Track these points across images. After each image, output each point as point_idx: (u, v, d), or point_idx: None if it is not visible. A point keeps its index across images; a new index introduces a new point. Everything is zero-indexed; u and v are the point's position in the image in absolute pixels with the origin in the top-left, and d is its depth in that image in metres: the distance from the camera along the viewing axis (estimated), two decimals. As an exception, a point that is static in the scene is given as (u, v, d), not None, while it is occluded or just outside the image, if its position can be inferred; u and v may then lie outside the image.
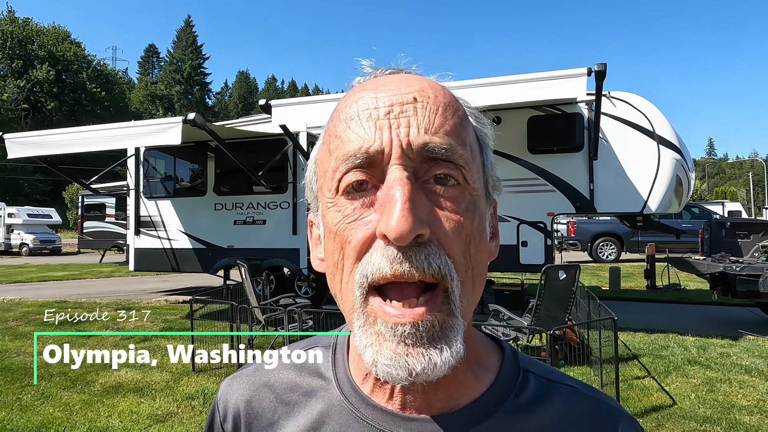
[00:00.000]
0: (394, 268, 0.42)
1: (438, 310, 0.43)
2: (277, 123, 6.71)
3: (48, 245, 25.27)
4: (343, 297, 0.48)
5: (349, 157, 0.46)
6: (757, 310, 7.54)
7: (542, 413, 0.52)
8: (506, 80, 5.79)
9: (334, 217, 0.47)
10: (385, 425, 0.50)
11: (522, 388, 0.53)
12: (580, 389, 0.55)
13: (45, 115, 54.26)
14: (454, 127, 0.47)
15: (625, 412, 0.55)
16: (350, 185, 0.46)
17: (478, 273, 0.48)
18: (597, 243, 16.33)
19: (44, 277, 14.15)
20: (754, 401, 4.11)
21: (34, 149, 7.52)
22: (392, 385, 0.51)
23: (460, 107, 0.50)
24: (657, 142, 6.84)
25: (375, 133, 0.45)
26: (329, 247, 0.49)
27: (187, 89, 75.41)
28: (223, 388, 0.61)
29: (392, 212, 0.41)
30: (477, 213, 0.48)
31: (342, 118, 0.48)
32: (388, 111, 0.46)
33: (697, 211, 16.27)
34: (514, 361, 0.56)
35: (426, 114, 0.46)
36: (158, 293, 10.70)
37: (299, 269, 7.99)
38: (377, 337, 0.44)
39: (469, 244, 0.46)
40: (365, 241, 0.45)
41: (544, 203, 7.08)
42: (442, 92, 0.49)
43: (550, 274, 5.07)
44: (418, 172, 0.45)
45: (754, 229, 7.23)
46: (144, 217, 9.04)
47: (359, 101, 0.48)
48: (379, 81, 0.49)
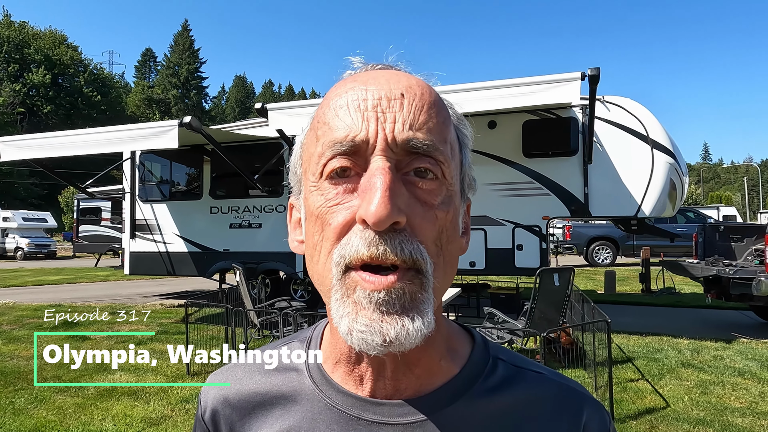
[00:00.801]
0: (370, 250, 0.44)
1: (409, 280, 0.45)
2: (274, 127, 6.73)
3: (43, 249, 25.16)
4: (321, 277, 0.49)
5: (335, 144, 0.47)
6: (751, 313, 7.58)
7: (509, 396, 0.53)
8: (501, 84, 5.82)
9: (316, 200, 0.49)
10: (355, 410, 0.52)
11: (490, 372, 0.55)
12: (547, 375, 0.57)
13: (41, 119, 54.06)
14: (437, 125, 0.49)
15: (590, 397, 0.56)
16: (334, 171, 0.47)
17: (449, 261, 0.49)
18: (592, 247, 16.38)
19: (39, 281, 14.09)
20: (746, 403, 4.13)
21: (29, 152, 7.50)
22: (362, 372, 0.53)
23: (444, 107, 0.52)
24: (651, 147, 6.88)
25: (362, 124, 0.47)
26: (309, 229, 0.51)
27: (183, 93, 75.29)
28: (206, 383, 0.64)
29: (372, 198, 0.43)
30: (452, 207, 0.50)
31: (331, 106, 0.50)
32: (376, 104, 0.48)
33: (692, 216, 16.36)
34: (485, 349, 0.58)
35: (411, 110, 0.48)
36: (154, 297, 10.67)
37: (295, 273, 7.99)
38: (354, 306, 0.45)
39: (441, 234, 0.48)
40: (345, 224, 0.46)
41: (539, 207, 7.11)
42: (428, 91, 0.50)
43: (544, 278, 5.09)
44: (399, 164, 0.47)
45: (747, 232, 7.27)
46: (140, 220, 9.03)
47: (349, 92, 0.49)
48: (370, 74, 0.51)
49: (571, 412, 0.54)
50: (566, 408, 0.54)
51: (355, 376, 0.53)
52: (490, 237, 7.18)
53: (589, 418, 0.54)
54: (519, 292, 7.50)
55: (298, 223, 0.57)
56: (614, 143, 6.99)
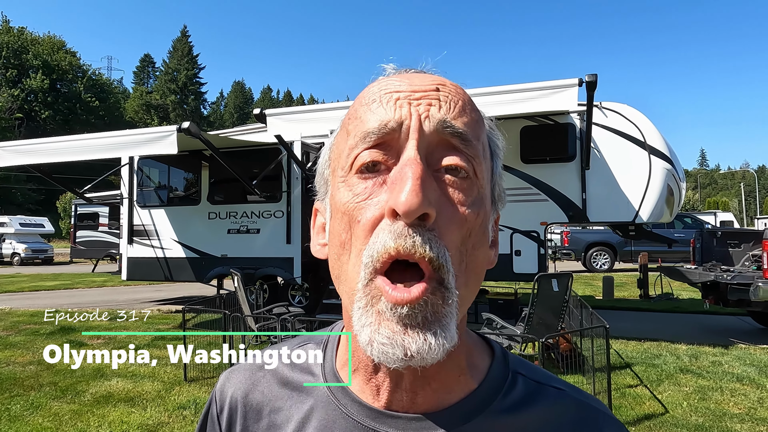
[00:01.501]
0: (398, 243, 0.42)
1: (432, 293, 0.43)
2: (272, 132, 6.74)
3: (40, 255, 25.07)
4: (347, 278, 0.47)
5: (368, 134, 0.46)
6: (749, 318, 7.59)
7: (528, 414, 0.51)
8: (498, 91, 5.85)
9: (344, 195, 0.47)
10: (369, 422, 0.50)
11: (510, 389, 0.53)
12: (568, 392, 0.55)
13: (39, 124, 54.02)
14: (470, 121, 0.48)
15: (610, 415, 0.54)
16: (364, 165, 0.46)
17: (473, 270, 0.48)
18: (591, 253, 16.40)
19: (36, 286, 14.02)
20: (745, 409, 4.12)
21: (27, 158, 7.49)
22: (379, 382, 0.51)
23: (478, 110, 0.51)
24: (648, 152, 6.91)
25: (395, 111, 0.46)
26: (336, 228, 0.49)
27: (182, 99, 75.37)
28: (222, 381, 0.62)
29: (403, 187, 0.42)
30: (482, 210, 0.48)
31: (363, 102, 0.49)
32: (409, 95, 0.47)
33: (689, 221, 16.40)
34: (504, 363, 0.56)
35: (447, 101, 0.47)
36: (151, 302, 10.63)
37: (293, 278, 7.97)
38: (377, 317, 0.43)
39: (468, 237, 0.46)
40: (374, 221, 0.45)
41: (537, 212, 7.12)
42: (462, 90, 0.50)
43: (542, 283, 5.09)
44: (430, 159, 0.46)
45: (744, 238, 7.30)
46: (137, 225, 9.01)
47: (381, 87, 0.49)
48: (402, 74, 0.51)
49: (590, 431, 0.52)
50: (587, 427, 0.52)
51: (372, 386, 0.52)
52: (488, 242, 7.18)
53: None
54: (517, 297, 7.50)
55: (322, 228, 0.56)
56: (612, 149, 7.02)
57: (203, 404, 2.97)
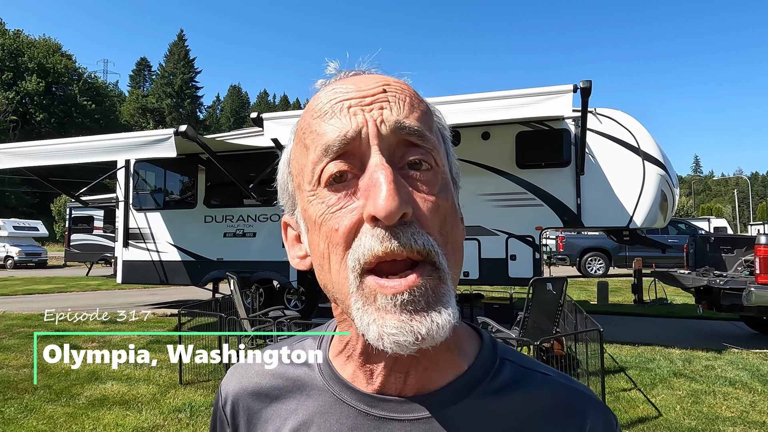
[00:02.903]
0: (384, 245, 0.44)
1: (428, 276, 0.45)
2: (269, 136, 6.75)
3: (34, 258, 24.90)
4: (336, 285, 0.49)
5: (328, 146, 0.48)
6: (742, 323, 7.64)
7: (515, 397, 0.53)
8: (494, 96, 5.89)
9: (317, 209, 0.49)
10: (363, 406, 0.53)
11: (497, 373, 0.55)
12: (554, 377, 0.57)
13: (34, 127, 53.76)
14: (421, 115, 0.50)
15: (597, 400, 0.56)
16: (331, 176, 0.48)
17: (455, 249, 0.50)
18: (585, 258, 16.46)
19: (29, 290, 13.93)
20: (738, 413, 4.16)
21: (23, 160, 7.46)
22: (372, 368, 0.54)
23: (423, 100, 0.53)
24: (642, 158, 6.97)
25: (350, 120, 0.48)
26: (314, 240, 0.51)
27: (178, 102, 75.27)
28: (226, 376, 0.66)
29: (379, 193, 0.44)
30: (449, 194, 0.51)
31: (315, 115, 0.50)
32: (359, 101, 0.49)
33: (683, 227, 16.52)
34: (493, 349, 0.58)
35: (396, 102, 0.49)
36: (146, 306, 10.59)
37: (289, 282, 7.97)
38: (379, 313, 0.45)
39: (445, 221, 0.49)
40: (352, 227, 0.47)
41: (532, 217, 7.15)
42: (406, 86, 0.52)
43: (537, 287, 5.12)
44: (393, 158, 0.48)
45: (737, 243, 7.35)
46: (133, 229, 8.99)
47: (330, 96, 0.50)
48: (347, 80, 0.53)
49: (576, 415, 0.54)
50: (572, 411, 0.54)
51: (366, 373, 0.54)
52: (483, 247, 7.22)
53: (594, 422, 0.54)
54: (512, 302, 7.52)
55: (296, 240, 0.57)
56: (606, 155, 7.08)
57: (199, 407, 3.03)
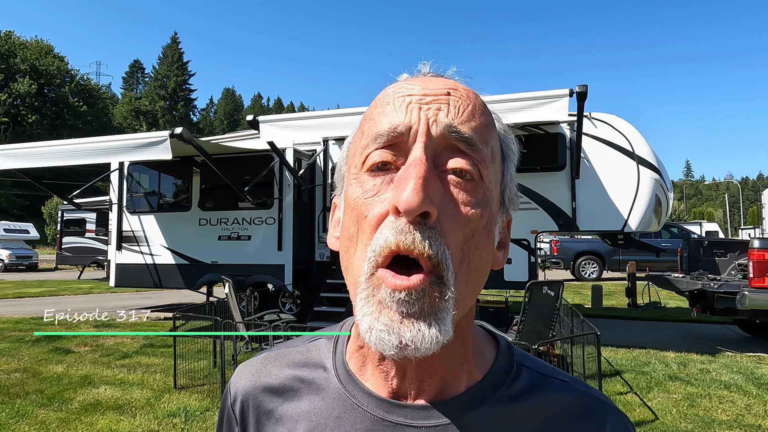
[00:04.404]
0: (398, 239, 0.44)
1: (430, 285, 0.44)
2: (265, 139, 6.74)
3: (25, 261, 24.65)
4: (352, 270, 0.49)
5: (379, 135, 0.48)
6: (735, 327, 7.69)
7: (532, 404, 0.53)
8: (489, 100, 5.86)
9: (354, 191, 0.50)
10: (380, 411, 0.52)
11: (515, 379, 0.54)
12: (572, 383, 0.56)
13: (25, 129, 53.28)
14: (479, 126, 0.50)
15: (615, 407, 0.55)
16: (375, 164, 0.48)
17: (475, 268, 0.49)
18: (579, 261, 16.52)
19: (20, 293, 13.78)
20: (733, 416, 4.18)
21: (17, 162, 7.40)
22: (387, 373, 0.53)
23: (489, 113, 0.53)
24: (636, 163, 7.02)
25: (405, 115, 0.48)
26: (346, 222, 0.51)
27: (171, 105, 74.88)
28: (236, 373, 0.64)
29: (406, 185, 0.44)
30: (487, 211, 0.49)
31: (378, 104, 0.51)
32: (420, 98, 0.49)
33: (676, 231, 16.62)
34: (509, 355, 0.57)
35: (456, 106, 0.49)
36: (139, 309, 10.49)
37: (284, 285, 7.93)
38: (378, 305, 0.45)
39: (472, 237, 0.48)
40: (380, 217, 0.47)
41: (527, 221, 7.18)
42: (474, 94, 0.52)
43: (534, 291, 5.13)
44: (437, 160, 0.47)
45: (730, 247, 7.41)
46: (126, 231, 8.92)
47: (396, 91, 0.51)
48: (418, 78, 0.53)
49: (594, 422, 0.53)
50: (590, 418, 0.54)
51: (381, 377, 0.53)
52: (479, 250, 7.21)
53: (613, 429, 0.53)
54: (508, 305, 7.53)
55: (338, 222, 0.58)
56: (601, 159, 7.12)
57: (193, 412, 2.99)
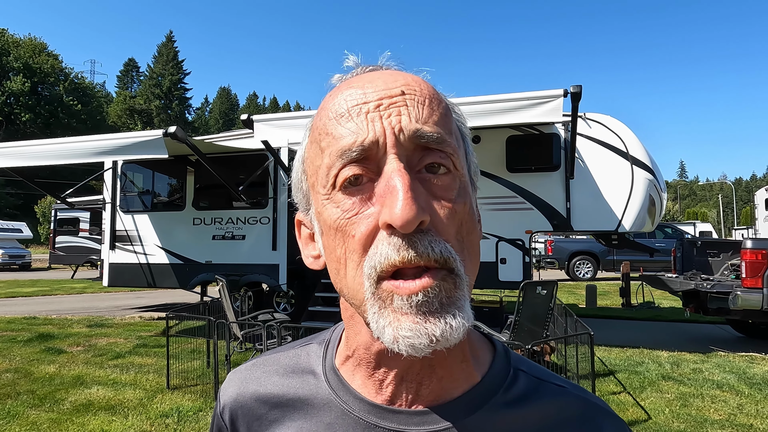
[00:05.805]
0: (401, 254, 0.43)
1: (443, 279, 0.44)
2: (259, 138, 6.70)
3: (17, 260, 24.48)
4: (352, 291, 0.48)
5: (344, 152, 0.46)
6: (728, 327, 7.73)
7: (529, 409, 0.52)
8: (485, 100, 5.90)
9: (332, 213, 0.48)
10: (372, 418, 0.51)
11: (512, 384, 0.54)
12: (569, 389, 0.55)
13: (19, 128, 52.91)
14: (440, 117, 0.48)
15: (611, 413, 0.55)
16: (347, 180, 0.46)
17: (472, 252, 0.49)
18: (574, 261, 16.58)
19: (12, 293, 13.68)
20: (725, 415, 4.20)
21: (10, 161, 7.33)
22: (381, 377, 0.52)
23: (443, 99, 0.51)
24: (630, 163, 7.04)
25: (368, 126, 0.46)
26: (330, 244, 0.49)
27: (166, 104, 74.60)
28: (225, 381, 0.63)
29: (395, 201, 0.42)
30: (467, 198, 0.49)
31: (331, 116, 0.49)
32: (377, 104, 0.47)
33: (670, 231, 16.71)
34: (506, 359, 0.56)
35: (414, 105, 0.47)
36: (132, 309, 10.45)
37: (278, 285, 7.91)
38: (395, 315, 0.44)
39: (462, 226, 0.47)
40: (369, 234, 0.45)
41: (522, 221, 7.19)
42: (425, 86, 0.50)
43: (528, 291, 5.13)
44: (410, 162, 0.46)
45: (723, 248, 7.45)
46: (120, 231, 8.87)
47: (348, 98, 0.49)
48: (364, 78, 0.51)
49: (592, 428, 0.53)
50: (588, 424, 0.53)
51: (375, 381, 0.52)
52: (474, 250, 7.22)
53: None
54: (502, 305, 7.54)
55: (309, 239, 0.56)
56: (595, 159, 7.14)
57: (186, 412, 2.98)
